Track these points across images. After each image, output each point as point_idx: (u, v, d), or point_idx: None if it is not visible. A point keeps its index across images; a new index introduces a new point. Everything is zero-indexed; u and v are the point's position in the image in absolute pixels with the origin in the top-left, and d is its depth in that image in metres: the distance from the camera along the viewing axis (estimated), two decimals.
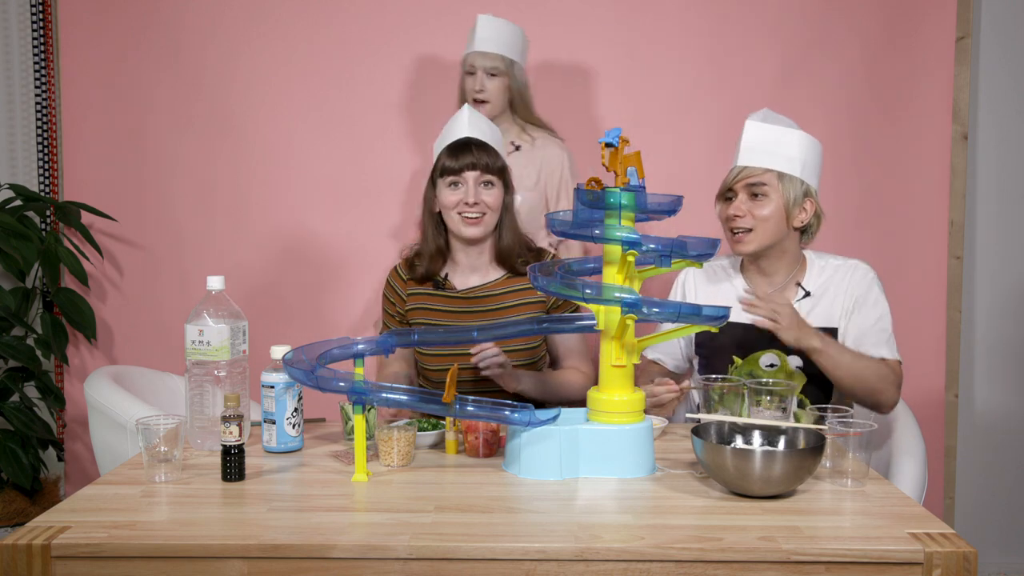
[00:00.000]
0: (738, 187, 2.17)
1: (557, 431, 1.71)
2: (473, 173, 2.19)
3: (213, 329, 1.84)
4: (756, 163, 2.16)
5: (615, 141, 1.72)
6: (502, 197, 2.24)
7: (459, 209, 2.20)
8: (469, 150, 2.20)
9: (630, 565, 1.38)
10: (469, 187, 2.19)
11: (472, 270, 2.30)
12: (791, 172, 2.15)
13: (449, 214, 2.23)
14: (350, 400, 1.72)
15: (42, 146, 3.07)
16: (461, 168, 2.19)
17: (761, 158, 2.16)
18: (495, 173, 2.21)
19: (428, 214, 2.29)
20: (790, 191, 2.15)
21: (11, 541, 1.40)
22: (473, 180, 2.19)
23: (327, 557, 1.39)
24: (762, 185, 2.15)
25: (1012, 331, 3.09)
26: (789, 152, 2.15)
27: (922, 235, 2.97)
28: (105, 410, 2.29)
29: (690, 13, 2.94)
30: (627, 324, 1.70)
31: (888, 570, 1.39)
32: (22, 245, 2.82)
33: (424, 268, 2.29)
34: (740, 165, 2.18)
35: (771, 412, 1.86)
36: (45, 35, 3.03)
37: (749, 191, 2.16)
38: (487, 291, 2.28)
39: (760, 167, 2.15)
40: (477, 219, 2.21)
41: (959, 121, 2.95)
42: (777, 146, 2.15)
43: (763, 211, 2.15)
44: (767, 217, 2.15)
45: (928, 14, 2.91)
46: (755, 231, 2.16)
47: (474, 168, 2.19)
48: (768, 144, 2.16)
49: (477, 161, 2.19)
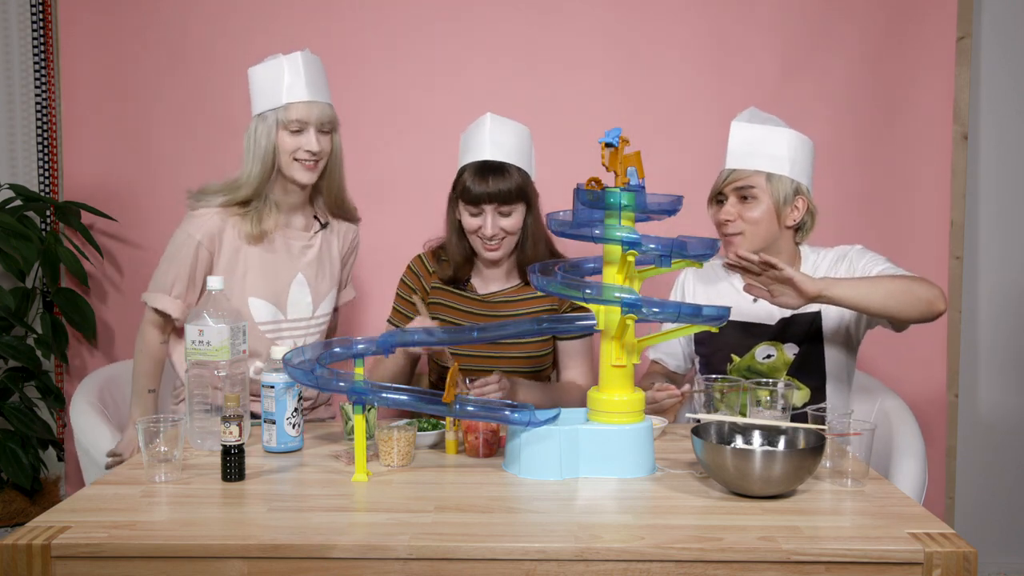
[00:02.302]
0: (727, 191, 2.17)
1: (557, 431, 1.71)
2: (491, 205, 2.21)
3: (213, 329, 1.85)
4: (743, 165, 2.15)
5: (615, 141, 1.72)
6: (522, 218, 2.26)
7: (479, 234, 2.25)
8: (487, 179, 2.20)
9: (630, 565, 1.38)
10: (488, 219, 2.22)
11: (494, 277, 2.36)
12: (779, 172, 2.13)
13: (471, 236, 2.27)
14: (350, 400, 1.72)
15: (42, 146, 3.07)
16: (478, 199, 2.20)
17: (748, 160, 2.14)
18: (513, 200, 2.22)
19: (452, 223, 2.32)
20: (779, 191, 2.13)
21: (11, 541, 1.40)
22: (491, 211, 2.21)
23: (327, 557, 1.39)
24: (750, 188, 2.14)
25: (1012, 331, 3.09)
26: (776, 151, 2.13)
27: (922, 235, 2.97)
28: (82, 445, 2.27)
29: (690, 14, 2.94)
30: (627, 324, 1.70)
31: (888, 570, 1.39)
32: (22, 245, 2.82)
33: (452, 272, 2.33)
34: (728, 168, 2.17)
35: (771, 412, 1.86)
36: (45, 35, 3.03)
37: (738, 194, 2.15)
38: (504, 297, 2.33)
39: (748, 169, 2.14)
40: (496, 244, 2.25)
41: (959, 121, 2.95)
42: (763, 146, 2.14)
43: (753, 213, 2.14)
44: (757, 219, 2.14)
45: (928, 14, 2.91)
46: (746, 234, 2.15)
47: (491, 200, 2.20)
48: (754, 145, 2.14)
49: (494, 192, 2.19)
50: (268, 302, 2.23)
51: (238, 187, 2.20)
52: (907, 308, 1.96)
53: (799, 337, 2.18)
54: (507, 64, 2.95)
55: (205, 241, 2.18)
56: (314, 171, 2.19)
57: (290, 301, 2.26)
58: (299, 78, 2.15)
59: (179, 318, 2.20)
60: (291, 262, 2.26)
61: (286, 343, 2.23)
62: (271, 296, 2.23)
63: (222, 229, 2.19)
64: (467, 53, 2.96)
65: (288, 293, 2.25)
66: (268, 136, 2.16)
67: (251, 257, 2.21)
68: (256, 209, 2.20)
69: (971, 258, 3.06)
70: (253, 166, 2.18)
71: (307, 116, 2.15)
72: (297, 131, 2.15)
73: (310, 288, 2.28)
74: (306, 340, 2.28)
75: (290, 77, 2.15)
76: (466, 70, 2.96)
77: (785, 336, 2.18)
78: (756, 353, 2.14)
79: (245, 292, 2.21)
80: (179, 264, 2.18)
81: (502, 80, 2.95)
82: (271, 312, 2.24)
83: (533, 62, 2.95)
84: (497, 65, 2.95)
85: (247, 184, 2.19)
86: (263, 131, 2.17)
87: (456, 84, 2.96)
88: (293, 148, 2.15)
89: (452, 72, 2.96)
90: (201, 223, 2.18)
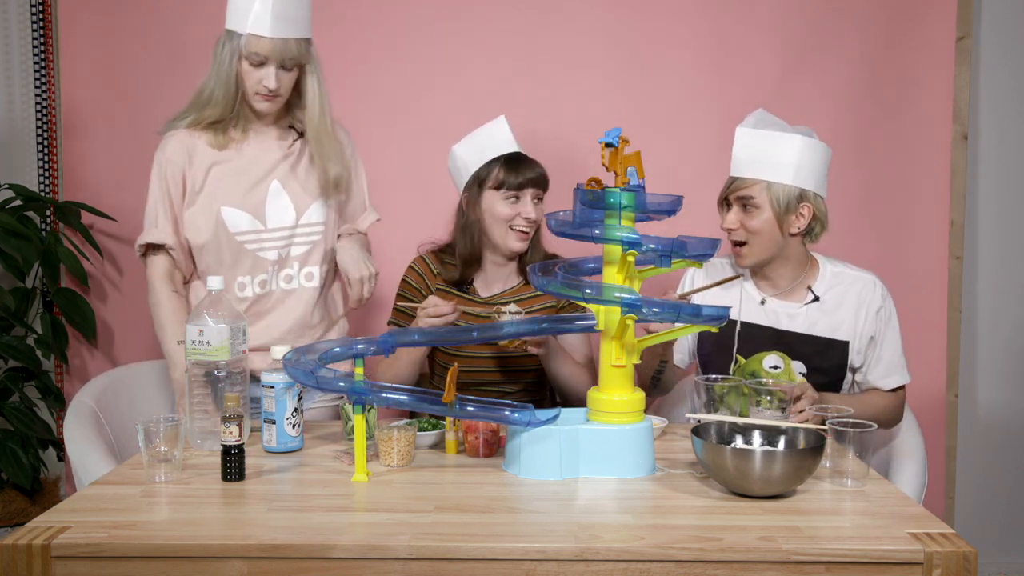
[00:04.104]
0: (732, 198, 2.16)
1: (557, 431, 1.71)
2: (532, 190, 2.28)
3: (213, 329, 1.84)
4: (745, 174, 2.13)
5: (615, 141, 1.72)
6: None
7: (515, 223, 2.28)
8: (528, 166, 2.30)
9: (630, 565, 1.38)
10: (527, 203, 2.28)
11: (496, 278, 2.38)
12: (782, 180, 2.10)
13: (499, 226, 2.30)
14: (350, 400, 1.72)
15: (42, 146, 3.07)
16: (522, 184, 2.27)
17: (750, 168, 2.13)
18: (546, 188, 2.32)
19: (464, 222, 2.35)
20: (781, 200, 2.10)
21: (11, 541, 1.40)
22: (531, 196, 2.29)
23: (327, 557, 1.40)
24: (751, 198, 2.12)
25: (1012, 331, 3.09)
26: (781, 158, 2.10)
27: (922, 235, 2.96)
28: (78, 474, 2.19)
29: (690, 14, 2.94)
30: (627, 324, 1.71)
31: (888, 570, 1.39)
32: (22, 245, 2.82)
33: (459, 273, 2.35)
34: (731, 176, 2.16)
35: (771, 412, 1.86)
36: (45, 35, 3.03)
37: (740, 203, 2.15)
38: (505, 298, 2.35)
39: (749, 178, 2.13)
40: (527, 234, 2.30)
41: (959, 121, 2.95)
42: (767, 154, 2.11)
43: (753, 223, 2.13)
44: (758, 229, 2.13)
45: (928, 14, 2.91)
46: (750, 244, 2.15)
47: (535, 185, 2.29)
48: (757, 153, 2.12)
49: (537, 178, 2.29)
50: (244, 211, 2.19)
51: (203, 106, 2.17)
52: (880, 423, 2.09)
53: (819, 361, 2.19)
54: (507, 64, 2.95)
55: (175, 156, 2.17)
56: (273, 103, 2.15)
57: (268, 210, 2.20)
58: (267, 8, 2.06)
59: (172, 246, 2.19)
60: (266, 170, 2.21)
61: (269, 253, 2.21)
62: (247, 205, 2.19)
63: (192, 146, 2.18)
64: (467, 53, 2.96)
65: (265, 202, 2.20)
66: (231, 59, 2.11)
67: (223, 167, 2.18)
68: (223, 123, 2.18)
69: (971, 258, 3.06)
70: (216, 86, 2.14)
71: (268, 52, 2.08)
72: (258, 64, 2.10)
73: (290, 196, 2.22)
74: (291, 251, 2.23)
75: (259, 5, 2.06)
76: (466, 70, 2.96)
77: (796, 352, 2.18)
78: (764, 361, 2.14)
79: (217, 201, 2.17)
80: (154, 193, 2.19)
81: (502, 80, 2.95)
82: (248, 221, 2.19)
83: (533, 62, 2.95)
84: (497, 65, 2.95)
85: (212, 106, 2.15)
86: (228, 52, 2.11)
87: (456, 84, 2.95)
88: (253, 80, 2.11)
89: (452, 72, 2.96)
90: (167, 144, 2.19)
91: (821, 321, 2.17)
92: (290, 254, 2.23)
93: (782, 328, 2.17)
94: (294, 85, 2.18)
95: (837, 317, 2.17)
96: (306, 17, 2.15)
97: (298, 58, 2.12)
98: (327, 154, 2.22)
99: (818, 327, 2.16)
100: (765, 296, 2.21)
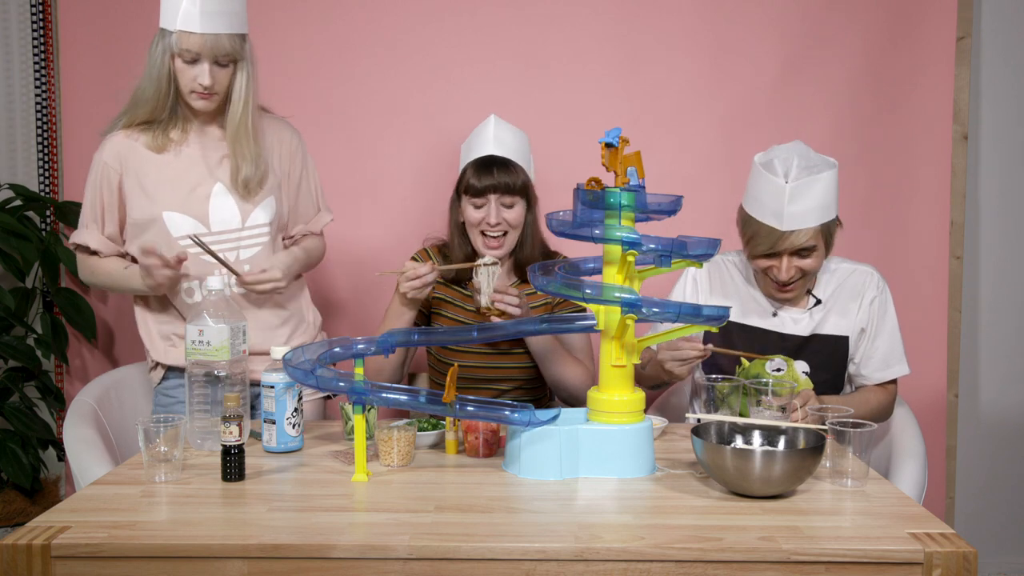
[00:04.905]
0: (783, 250, 2.09)
1: (557, 431, 1.71)
2: (495, 195, 2.25)
3: (213, 329, 1.84)
4: (800, 225, 2.06)
5: (615, 141, 1.72)
6: (524, 213, 2.29)
7: (481, 228, 2.26)
8: (491, 171, 2.25)
9: (630, 565, 1.38)
10: (491, 208, 2.25)
11: None
12: (829, 217, 2.10)
13: (472, 231, 2.29)
14: (350, 400, 1.72)
15: (42, 146, 3.07)
16: (483, 190, 2.24)
17: (802, 219, 2.06)
18: (516, 193, 2.26)
19: (455, 224, 2.35)
20: (830, 233, 2.12)
21: (11, 541, 1.40)
22: (495, 201, 2.25)
23: (327, 557, 1.40)
24: (812, 248, 2.09)
25: (1013, 331, 3.09)
26: (824, 199, 2.07)
27: (923, 235, 2.96)
28: (77, 478, 2.17)
29: (690, 13, 2.94)
30: (627, 324, 1.71)
31: (888, 570, 1.39)
32: (22, 245, 2.82)
33: (455, 273, 2.34)
34: (783, 230, 2.06)
35: (771, 412, 1.86)
36: (45, 35, 3.03)
37: (797, 252, 2.11)
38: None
39: (806, 230, 2.06)
40: (499, 239, 2.27)
41: (959, 121, 2.95)
42: (816, 200, 2.06)
43: (809, 263, 2.11)
44: (815, 266, 2.13)
45: (928, 14, 2.91)
46: (804, 280, 2.16)
47: (495, 191, 2.24)
48: (808, 201, 2.06)
49: (498, 183, 2.24)
50: (187, 215, 2.16)
51: (136, 106, 2.15)
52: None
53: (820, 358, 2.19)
54: (507, 64, 2.95)
55: (110, 160, 2.16)
56: (210, 100, 2.12)
57: (212, 213, 2.18)
58: (195, 5, 2.02)
59: (101, 250, 2.19)
60: (208, 172, 2.18)
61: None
62: (189, 209, 2.16)
63: (129, 147, 2.17)
64: (467, 53, 2.96)
65: (208, 205, 2.18)
66: (163, 57, 2.08)
67: (163, 170, 2.16)
68: (161, 124, 2.16)
69: (971, 258, 3.06)
70: (148, 84, 2.12)
71: (199, 47, 2.04)
72: (191, 61, 2.07)
73: (234, 198, 2.19)
74: (239, 254, 2.20)
75: (187, 1, 2.02)
76: (466, 70, 2.96)
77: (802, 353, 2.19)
78: (767, 364, 2.15)
79: (158, 206, 2.15)
80: (87, 196, 2.19)
81: (502, 80, 2.95)
82: (192, 226, 2.16)
83: (533, 62, 2.95)
84: (497, 65, 2.95)
85: (143, 104, 2.14)
86: (160, 50, 2.09)
87: (456, 84, 2.95)
88: (188, 77, 2.09)
89: (452, 72, 2.96)
90: (105, 147, 2.19)
91: (824, 323, 2.19)
92: (239, 257, 2.21)
93: (786, 332, 2.19)
94: None
95: (838, 316, 2.19)
96: (239, 12, 2.11)
97: (232, 54, 2.09)
98: (242, 153, 2.17)
99: (823, 328, 2.18)
100: (776, 309, 2.22)
